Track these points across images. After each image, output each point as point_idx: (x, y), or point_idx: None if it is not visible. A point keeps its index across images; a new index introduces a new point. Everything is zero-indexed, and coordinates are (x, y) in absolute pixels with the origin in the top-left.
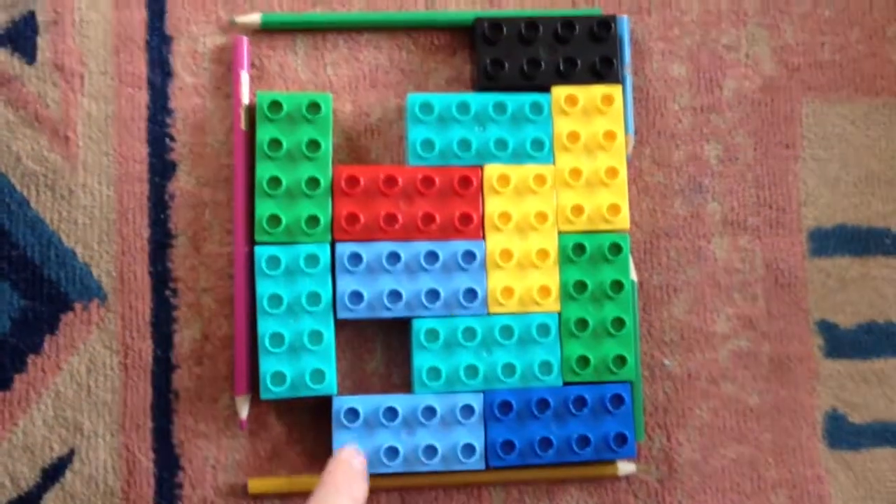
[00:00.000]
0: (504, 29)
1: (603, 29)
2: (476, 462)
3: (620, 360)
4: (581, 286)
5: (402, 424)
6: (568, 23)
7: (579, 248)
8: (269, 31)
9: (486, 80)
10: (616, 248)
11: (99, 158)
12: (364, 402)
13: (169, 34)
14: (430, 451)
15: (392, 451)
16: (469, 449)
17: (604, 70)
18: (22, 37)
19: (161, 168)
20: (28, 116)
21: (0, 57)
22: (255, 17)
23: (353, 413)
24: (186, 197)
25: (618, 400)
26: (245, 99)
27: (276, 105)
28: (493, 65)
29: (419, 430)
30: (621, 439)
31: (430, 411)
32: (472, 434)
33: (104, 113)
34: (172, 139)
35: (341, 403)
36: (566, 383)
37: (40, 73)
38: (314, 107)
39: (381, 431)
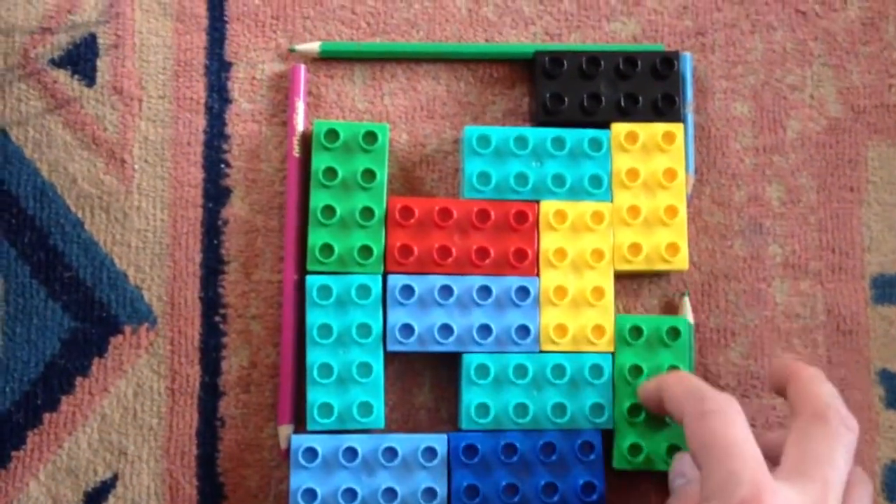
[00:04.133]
0: (565, 63)
1: (666, 66)
2: None
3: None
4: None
5: (361, 465)
6: (630, 59)
7: (636, 332)
8: (327, 59)
9: (545, 115)
10: (674, 333)
11: (154, 182)
12: (322, 442)
13: (228, 60)
14: (390, 494)
15: (350, 494)
16: (430, 493)
17: (665, 107)
18: (83, 59)
19: (215, 193)
20: (86, 139)
21: (60, 79)
22: (314, 46)
23: (311, 452)
24: (239, 223)
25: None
26: (300, 126)
27: (332, 134)
28: (552, 99)
29: (379, 471)
30: None
31: (391, 452)
32: (434, 478)
33: (161, 137)
34: (228, 165)
35: (300, 442)
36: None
37: (99, 95)
38: (371, 136)
39: (340, 472)
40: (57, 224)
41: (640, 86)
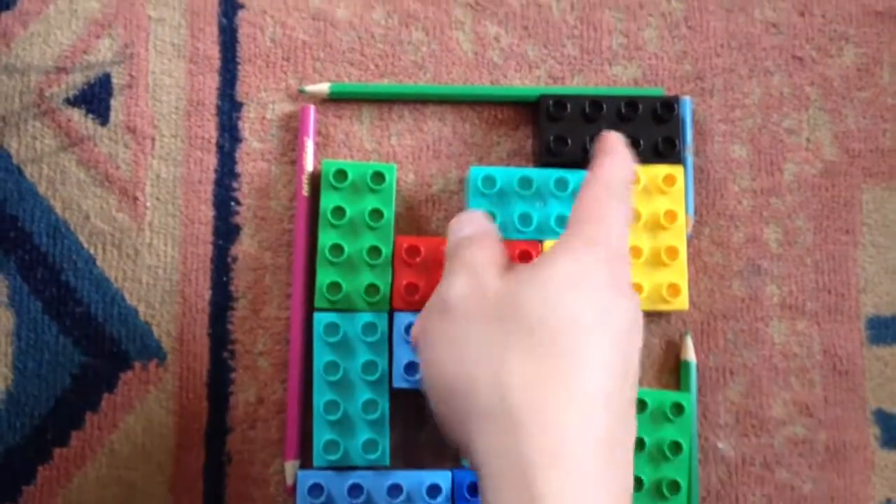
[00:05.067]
0: (568, 107)
1: (666, 110)
2: None
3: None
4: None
5: (366, 502)
6: (632, 103)
7: (640, 404)
8: (336, 100)
9: (549, 156)
10: (678, 409)
11: (165, 219)
12: (328, 478)
13: (239, 100)
14: None
15: None
16: None
17: (666, 150)
18: (97, 98)
19: (225, 231)
20: (99, 176)
21: (74, 117)
22: (323, 87)
23: (317, 489)
24: (248, 260)
25: None
26: (309, 166)
27: (341, 173)
28: (556, 141)
29: None
30: None
31: (396, 489)
32: None
33: (173, 175)
34: (238, 203)
35: (306, 478)
36: None
37: (113, 134)
38: (378, 176)
39: None
40: (69, 260)
41: (641, 129)
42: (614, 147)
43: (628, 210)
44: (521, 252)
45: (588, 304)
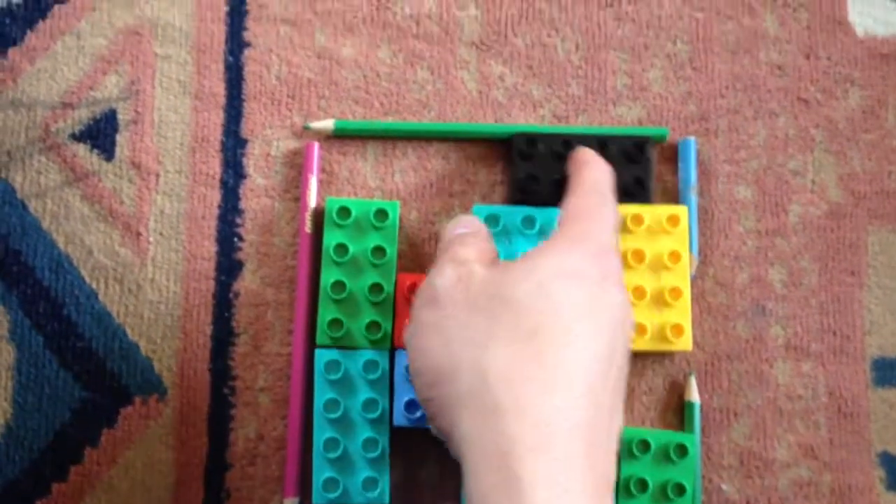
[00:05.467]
0: (539, 146)
1: (637, 151)
2: None
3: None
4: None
5: None
6: (603, 142)
7: (643, 445)
8: (340, 137)
9: (520, 195)
10: (682, 450)
11: (168, 255)
12: None
13: (244, 137)
14: None
15: None
16: None
17: (636, 191)
18: (102, 134)
19: (228, 267)
20: (103, 211)
21: (80, 153)
22: (328, 124)
23: None
24: (250, 296)
25: None
26: (312, 203)
27: (344, 211)
28: (527, 180)
29: None
30: None
31: None
32: None
33: (176, 211)
34: (241, 239)
35: None
36: None
37: (117, 169)
38: (382, 214)
39: None
40: (71, 295)
41: (613, 169)
42: (591, 157)
43: (614, 210)
44: None
45: (575, 294)
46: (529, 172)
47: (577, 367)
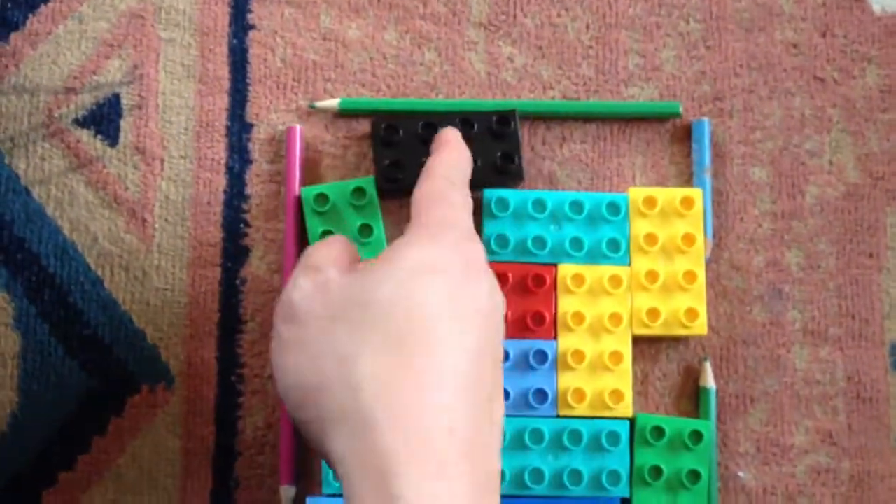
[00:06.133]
0: (400, 131)
1: (502, 125)
2: None
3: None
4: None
5: None
6: (466, 120)
7: (658, 432)
8: (347, 117)
9: (385, 183)
10: (697, 436)
11: (174, 241)
12: None
13: (249, 121)
14: None
15: None
16: None
17: (505, 167)
18: (106, 119)
19: (234, 253)
20: (107, 197)
21: (83, 138)
22: (333, 103)
23: None
24: (257, 283)
25: None
26: (297, 190)
27: (322, 197)
28: (390, 167)
29: None
30: None
31: None
32: None
33: (182, 196)
34: (247, 224)
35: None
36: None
37: (122, 155)
38: (359, 192)
39: None
40: (77, 282)
41: (479, 147)
42: (450, 139)
43: (468, 196)
44: (535, 276)
45: (438, 290)
46: (393, 159)
47: (447, 367)
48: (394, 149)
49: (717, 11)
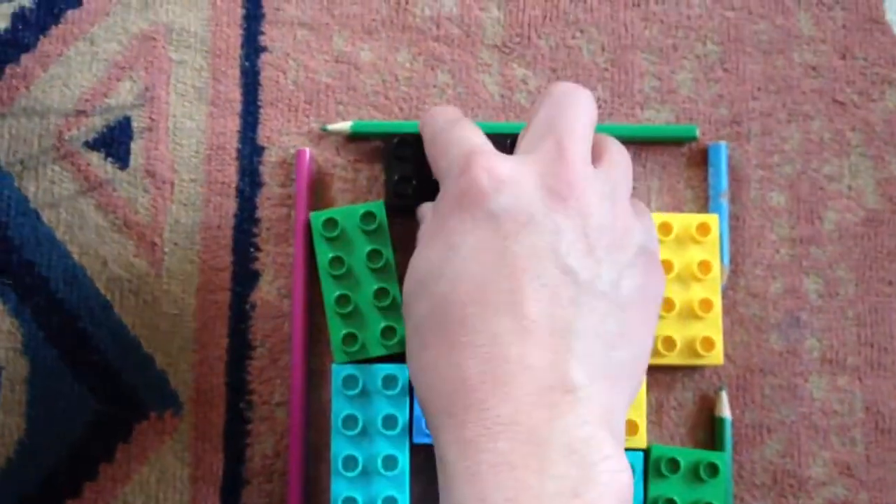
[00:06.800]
0: (415, 146)
1: (501, 149)
2: None
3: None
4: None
5: None
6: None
7: (672, 464)
8: (358, 140)
9: (395, 198)
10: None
11: (184, 266)
12: None
13: (260, 144)
14: None
15: None
16: None
17: None
18: (117, 142)
19: (244, 277)
20: (117, 221)
21: (94, 161)
22: (345, 125)
23: None
24: (267, 308)
25: None
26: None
27: (330, 222)
28: (400, 182)
29: None
30: None
31: None
32: None
33: (192, 220)
34: (257, 249)
35: None
36: None
37: (132, 178)
38: (369, 216)
39: None
40: (86, 307)
41: None
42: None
43: None
44: None
45: None
46: (402, 174)
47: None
48: (405, 164)
49: (735, 34)
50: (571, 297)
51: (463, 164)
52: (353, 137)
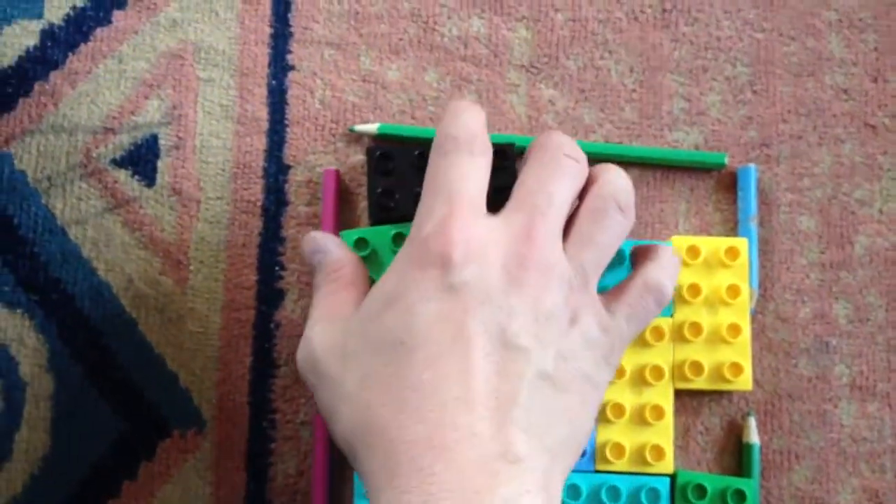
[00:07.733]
0: (396, 159)
1: (501, 158)
2: None
3: None
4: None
5: None
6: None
7: (699, 490)
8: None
9: (379, 212)
10: (740, 496)
11: (209, 284)
12: None
13: (287, 163)
14: None
15: None
16: None
17: (500, 201)
18: (143, 160)
19: (269, 296)
20: (143, 239)
21: (121, 178)
22: (372, 127)
23: None
24: (291, 327)
25: None
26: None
27: (362, 242)
28: (384, 195)
29: None
30: None
31: None
32: None
33: (217, 238)
34: (283, 268)
35: None
36: None
37: (159, 196)
38: (400, 238)
39: None
40: (111, 324)
41: None
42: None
43: None
44: None
45: None
46: (386, 187)
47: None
48: (388, 177)
49: (765, 56)
50: (519, 374)
51: (440, 221)
52: (379, 138)
